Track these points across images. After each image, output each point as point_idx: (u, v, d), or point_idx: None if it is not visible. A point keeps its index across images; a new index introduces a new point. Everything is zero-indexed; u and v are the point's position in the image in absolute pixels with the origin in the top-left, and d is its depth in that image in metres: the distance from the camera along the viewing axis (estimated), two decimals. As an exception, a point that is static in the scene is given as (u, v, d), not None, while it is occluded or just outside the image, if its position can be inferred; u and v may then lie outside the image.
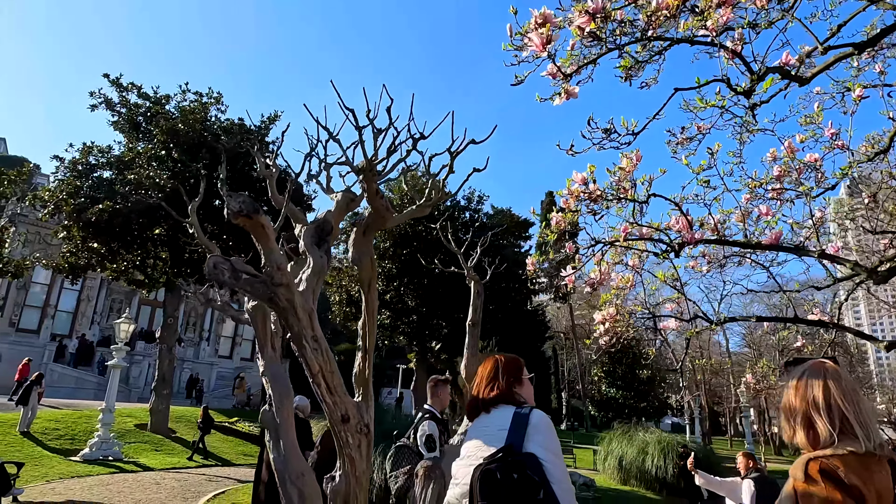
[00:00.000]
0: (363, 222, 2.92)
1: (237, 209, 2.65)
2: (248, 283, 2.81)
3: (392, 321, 28.48)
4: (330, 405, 2.96)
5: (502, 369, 2.43)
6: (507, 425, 2.20)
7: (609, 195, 3.93)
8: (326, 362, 2.98)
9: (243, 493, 12.13)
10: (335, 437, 3.06)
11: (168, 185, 18.40)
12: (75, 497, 10.31)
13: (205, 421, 18.61)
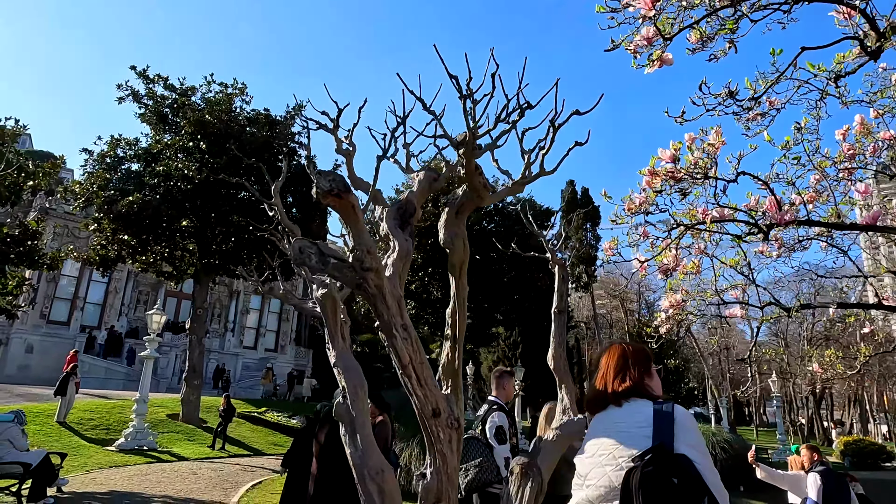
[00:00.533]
0: (457, 201, 2.70)
1: (328, 188, 2.45)
2: (336, 268, 2.62)
3: (417, 311, 28.35)
4: (420, 398, 2.77)
5: (632, 359, 2.21)
6: (648, 422, 1.99)
7: (697, 173, 3.67)
8: (416, 352, 2.79)
9: (279, 484, 12.10)
10: (425, 433, 2.87)
11: (197, 177, 18.40)
12: (117, 487, 10.35)
13: (226, 410, 18.53)
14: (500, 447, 4.62)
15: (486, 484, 4.63)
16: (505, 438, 4.63)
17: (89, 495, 9.42)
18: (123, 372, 32.09)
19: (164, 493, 9.95)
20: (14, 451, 8.27)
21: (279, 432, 22.23)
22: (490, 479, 4.57)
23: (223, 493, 10.62)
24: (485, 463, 4.64)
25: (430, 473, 2.87)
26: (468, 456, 4.70)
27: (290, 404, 29.55)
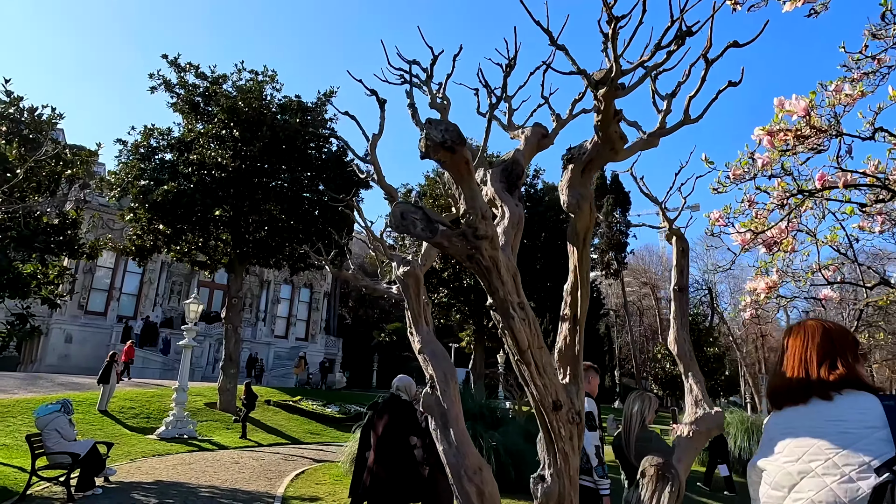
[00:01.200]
0: (583, 157, 2.27)
1: (440, 139, 2.04)
2: (445, 236, 2.22)
3: (449, 299, 28.02)
4: (540, 389, 2.37)
5: (839, 341, 1.76)
6: (882, 422, 1.54)
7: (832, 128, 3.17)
8: (535, 335, 2.39)
9: (322, 473, 11.93)
10: (543, 429, 2.47)
11: (231, 165, 18.26)
12: (162, 477, 10.25)
13: (248, 398, 18.20)
14: (589, 433, 4.21)
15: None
16: (595, 425, 4.22)
17: (136, 485, 9.32)
18: (160, 361, 32.55)
19: (210, 484, 9.80)
20: (62, 441, 8.17)
21: (314, 420, 22.18)
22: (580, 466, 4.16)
23: (268, 482, 10.45)
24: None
25: (550, 476, 2.47)
26: None
27: (324, 393, 29.58)
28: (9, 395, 16.91)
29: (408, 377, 7.11)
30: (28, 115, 12.07)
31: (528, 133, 2.68)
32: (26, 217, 11.56)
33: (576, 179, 2.32)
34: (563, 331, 2.58)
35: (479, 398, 13.84)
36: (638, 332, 69.79)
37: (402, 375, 7.15)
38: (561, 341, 2.59)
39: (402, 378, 7.08)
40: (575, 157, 2.30)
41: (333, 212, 20.70)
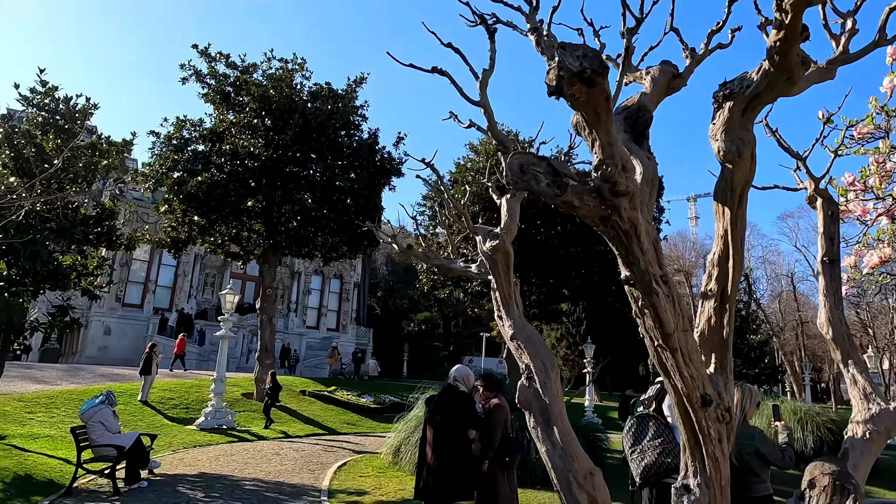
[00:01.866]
0: (747, 91, 1.81)
1: (577, 68, 1.60)
2: (576, 193, 1.80)
3: (483, 288, 27.57)
4: (686, 381, 1.93)
5: None
6: None
7: None
8: (680, 317, 1.94)
9: (364, 465, 11.68)
10: (688, 429, 2.03)
11: (263, 154, 18.07)
12: (205, 469, 10.11)
13: (273, 388, 17.80)
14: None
15: (668, 469, 3.79)
16: None
17: (180, 477, 9.17)
18: (195, 352, 32.89)
19: (254, 476, 9.62)
20: (107, 433, 8.02)
21: (350, 411, 22.06)
22: (674, 463, 3.72)
23: (311, 475, 10.22)
24: (667, 444, 3.77)
25: (698, 486, 2.03)
26: (642, 435, 3.86)
27: (357, 383, 29.51)
28: (52, 387, 17.11)
29: (466, 367, 6.72)
30: (63, 105, 11.98)
31: (655, 73, 2.22)
32: (64, 208, 11.49)
33: (735, 121, 1.86)
34: (707, 310, 2.13)
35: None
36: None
37: (459, 366, 6.76)
38: (703, 323, 2.13)
39: (459, 368, 6.69)
40: (735, 93, 1.84)
41: (366, 199, 20.44)
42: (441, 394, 6.45)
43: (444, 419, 6.11)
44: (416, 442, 11.05)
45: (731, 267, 2.03)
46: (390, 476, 10.44)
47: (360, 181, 20.19)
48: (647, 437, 3.75)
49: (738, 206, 1.97)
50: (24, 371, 19.79)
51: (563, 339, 44.35)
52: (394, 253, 73.71)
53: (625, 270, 1.93)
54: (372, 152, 21.07)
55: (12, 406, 14.09)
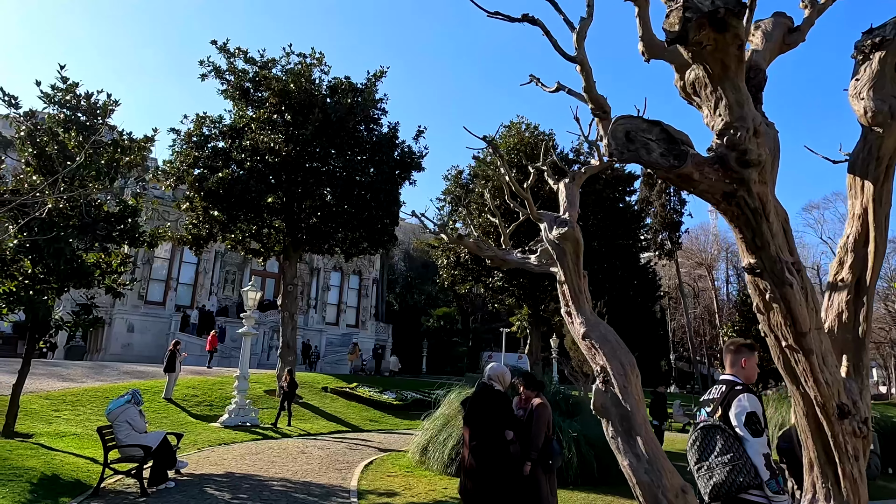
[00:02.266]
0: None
1: (709, 8, 1.29)
2: (696, 164, 1.49)
3: (504, 283, 27.24)
4: (822, 388, 1.63)
5: None
6: None
7: None
8: (814, 312, 1.62)
9: (391, 464, 11.46)
10: (814, 444, 1.72)
11: (283, 150, 17.92)
12: (232, 468, 9.96)
13: (290, 384, 17.19)
14: (755, 439, 3.40)
15: (740, 489, 3.44)
16: (760, 429, 3.41)
17: (207, 477, 9.02)
18: (217, 349, 33.04)
19: (282, 476, 9.43)
20: (133, 432, 7.88)
21: (372, 407, 21.92)
22: (746, 481, 3.37)
23: (338, 474, 10.03)
24: (737, 460, 3.42)
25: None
26: (709, 450, 3.51)
27: (378, 379, 29.41)
28: (78, 385, 17.18)
29: (501, 366, 6.42)
30: (84, 101, 11.88)
31: (766, 26, 1.90)
32: (87, 205, 11.41)
33: (887, 75, 1.53)
34: (837, 304, 1.81)
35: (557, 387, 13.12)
36: (693, 315, 67.17)
37: (494, 364, 6.47)
38: (832, 319, 1.81)
39: (494, 367, 6.39)
40: (888, 41, 1.51)
41: (388, 194, 20.21)
42: (476, 393, 6.17)
43: (481, 420, 5.84)
44: (443, 440, 10.83)
45: (872, 252, 1.71)
46: (419, 476, 10.21)
47: (381, 175, 19.96)
48: (714, 452, 3.41)
49: (884, 180, 1.65)
50: (50, 368, 19.94)
51: (585, 334, 43.77)
52: (412, 250, 73.56)
53: (749, 257, 1.62)
54: (392, 146, 20.83)
55: (39, 404, 14.13)
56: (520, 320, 51.95)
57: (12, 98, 11.30)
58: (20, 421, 12.33)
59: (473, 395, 6.18)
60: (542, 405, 6.12)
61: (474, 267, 28.23)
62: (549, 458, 5.87)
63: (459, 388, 12.22)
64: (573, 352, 45.77)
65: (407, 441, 15.93)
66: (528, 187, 5.48)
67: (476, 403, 6.09)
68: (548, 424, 6.01)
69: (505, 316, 70.76)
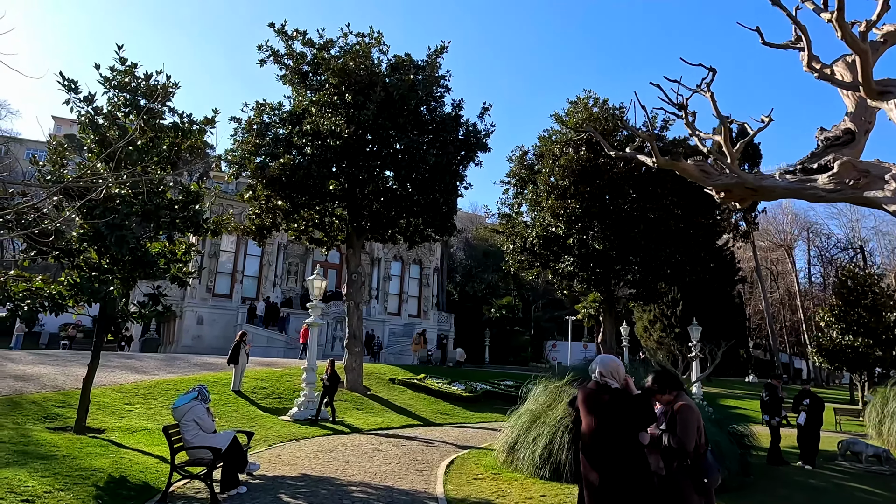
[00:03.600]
0: None
1: None
2: None
3: (574, 268, 25.72)
4: None
5: None
6: None
7: None
8: None
9: (474, 464, 10.46)
10: None
11: (345, 132, 17.13)
12: (306, 469, 9.20)
13: (331, 378, 15.59)
14: None
15: None
16: None
17: (280, 480, 8.26)
18: (283, 340, 33.16)
19: (360, 479, 8.58)
20: (201, 433, 7.17)
21: (441, 399, 21.09)
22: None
23: (419, 476, 9.09)
24: None
25: None
26: None
27: (446, 370, 28.59)
28: (150, 377, 17.10)
29: (613, 357, 5.17)
30: (144, 83, 11.37)
31: None
32: (149, 192, 10.90)
33: None
34: None
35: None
36: (771, 300, 62.85)
37: (603, 356, 5.21)
38: None
39: (605, 360, 5.11)
40: None
41: (453, 176, 19.16)
42: (589, 395, 4.94)
43: (603, 426, 4.65)
44: (533, 440, 9.70)
45: None
46: (508, 479, 9.14)
47: (445, 156, 18.90)
48: None
49: None
50: (124, 361, 20.11)
51: (657, 321, 41.50)
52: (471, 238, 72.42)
53: None
54: (456, 125, 19.71)
55: (111, 397, 13.96)
56: (586, 308, 50.12)
57: (72, 83, 10.87)
58: (93, 415, 12.08)
59: (587, 397, 4.94)
60: (687, 407, 4.87)
61: (542, 252, 26.85)
62: (702, 475, 4.62)
63: (545, 380, 11.04)
64: (644, 339, 43.73)
65: (484, 436, 14.94)
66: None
67: (594, 408, 4.87)
68: (699, 430, 4.76)
69: (568, 304, 68.77)
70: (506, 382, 25.29)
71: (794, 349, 67.74)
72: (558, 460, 9.12)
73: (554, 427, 9.52)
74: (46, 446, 8.85)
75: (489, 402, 21.95)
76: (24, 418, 11.03)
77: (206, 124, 11.89)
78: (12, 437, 9.16)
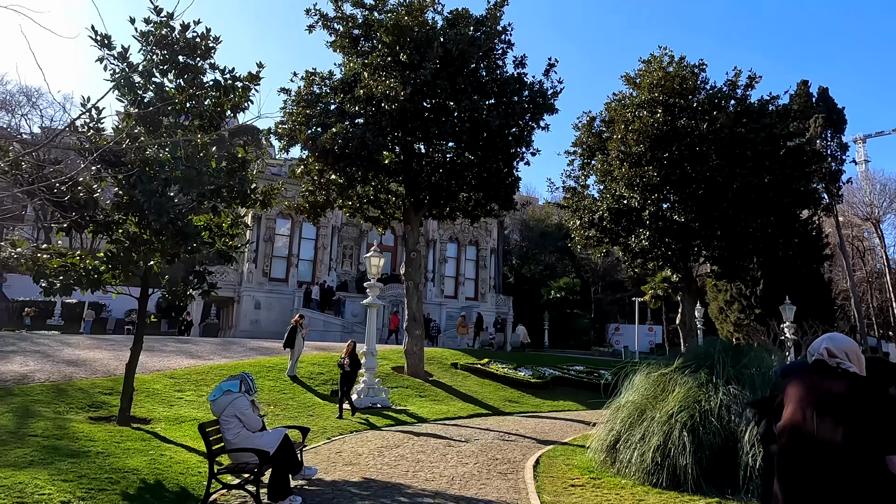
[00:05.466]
0: None
1: None
2: None
3: (651, 243, 23.46)
4: None
5: None
6: None
7: None
8: None
9: (564, 464, 8.86)
10: None
11: (401, 94, 15.62)
12: (370, 472, 7.83)
13: (352, 363, 13.25)
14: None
15: None
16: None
17: (341, 487, 6.91)
18: (339, 324, 32.41)
19: (435, 486, 7.13)
20: (244, 431, 5.87)
21: (508, 386, 19.54)
22: None
23: (504, 480, 7.58)
24: None
25: None
26: None
27: (510, 354, 27.00)
28: (204, 362, 16.32)
29: (845, 337, 3.39)
30: (180, 36, 10.15)
31: None
32: (190, 156, 9.73)
33: None
34: None
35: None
36: (857, 277, 57.74)
37: (833, 334, 3.40)
38: None
39: (836, 337, 3.34)
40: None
41: (519, 141, 17.40)
42: (818, 382, 3.18)
43: (845, 431, 2.93)
44: (641, 438, 8.00)
45: None
46: (612, 486, 7.50)
47: (510, 119, 17.11)
48: None
49: None
50: (179, 345, 19.54)
51: (735, 301, 38.41)
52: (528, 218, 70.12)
53: None
54: (520, 86, 17.86)
55: (163, 384, 13.12)
56: (653, 288, 47.23)
57: (105, 38, 9.75)
58: (140, 403, 11.19)
59: (803, 382, 3.19)
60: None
61: (612, 227, 24.67)
62: None
63: (647, 366, 9.28)
64: (720, 322, 40.66)
65: (564, 429, 13.30)
66: None
67: (815, 397, 3.12)
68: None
69: (630, 286, 65.57)
70: (576, 368, 23.49)
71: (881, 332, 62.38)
72: (676, 464, 7.40)
73: (667, 423, 7.79)
74: (82, 440, 7.83)
75: (559, 389, 20.27)
76: (66, 407, 10.19)
77: (250, 81, 10.60)
78: (46, 430, 8.22)
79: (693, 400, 8.00)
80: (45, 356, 14.84)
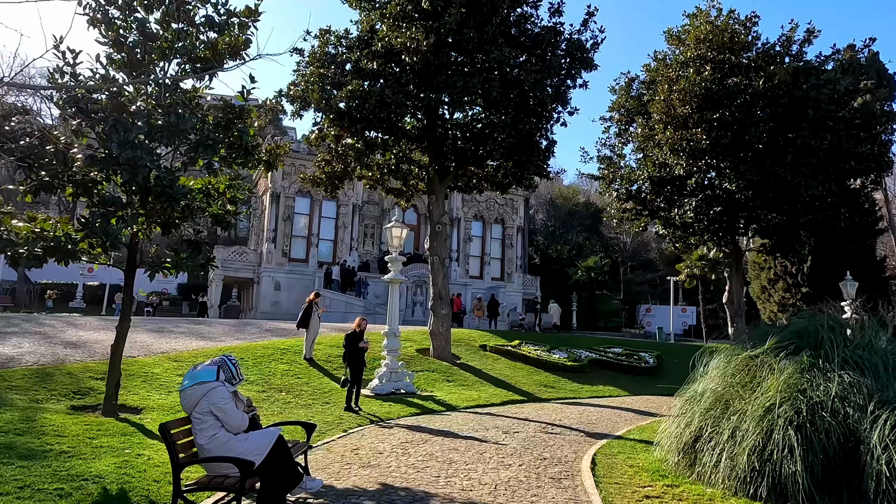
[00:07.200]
0: None
1: None
2: None
3: (697, 213, 21.48)
4: None
5: None
6: None
7: None
8: None
9: (625, 464, 7.30)
10: None
11: (423, 44, 13.94)
12: (391, 476, 6.36)
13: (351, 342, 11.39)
14: None
15: None
16: None
17: (355, 500, 5.43)
18: (361, 305, 31.10)
19: (468, 496, 5.62)
20: (223, 433, 4.42)
21: (542, 369, 17.99)
22: None
23: (560, 489, 6.06)
24: None
25: None
26: None
27: (542, 336, 25.38)
28: (214, 344, 15.12)
29: None
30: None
31: None
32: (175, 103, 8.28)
33: None
34: None
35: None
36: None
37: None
38: None
39: None
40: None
41: (555, 99, 15.62)
42: None
43: None
44: (730, 438, 6.38)
45: None
46: (696, 496, 5.93)
47: (544, 73, 15.33)
48: None
49: None
50: (191, 327, 18.42)
51: (779, 279, 36.07)
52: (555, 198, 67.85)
53: None
54: (556, 38, 16.02)
55: (163, 367, 11.87)
56: (689, 267, 44.93)
57: (78, -34, 8.31)
58: (135, 389, 9.96)
59: None
60: None
61: (652, 198, 22.77)
62: None
63: (728, 349, 7.62)
64: (762, 301, 38.33)
65: (612, 418, 11.71)
66: None
67: None
68: None
69: (661, 265, 63.13)
70: (613, 350, 21.79)
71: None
72: (780, 471, 5.78)
73: (765, 419, 6.15)
74: (47, 436, 6.53)
75: (597, 373, 18.66)
76: (48, 394, 8.97)
77: (247, 16, 9.07)
78: (11, 422, 6.94)
79: (796, 390, 6.35)
80: (44, 337, 13.76)
